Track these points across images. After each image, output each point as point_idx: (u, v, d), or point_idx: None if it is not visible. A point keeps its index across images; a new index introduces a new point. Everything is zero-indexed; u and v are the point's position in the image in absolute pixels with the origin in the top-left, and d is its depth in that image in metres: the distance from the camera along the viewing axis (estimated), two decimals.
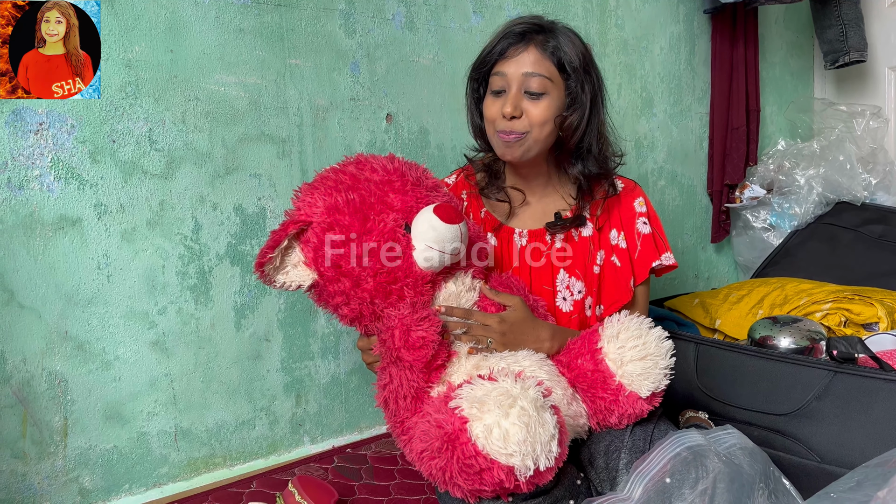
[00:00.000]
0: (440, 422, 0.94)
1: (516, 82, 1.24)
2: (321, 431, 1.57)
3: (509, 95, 1.24)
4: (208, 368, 1.42)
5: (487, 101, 1.28)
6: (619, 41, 2.05)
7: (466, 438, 0.92)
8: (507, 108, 1.23)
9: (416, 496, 1.26)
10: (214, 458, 1.44)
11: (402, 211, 1.11)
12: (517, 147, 1.25)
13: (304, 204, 1.12)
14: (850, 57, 2.25)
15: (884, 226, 2.04)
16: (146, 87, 1.31)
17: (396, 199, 1.11)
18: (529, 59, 1.24)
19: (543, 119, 1.24)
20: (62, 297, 1.26)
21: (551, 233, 1.34)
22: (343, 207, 1.09)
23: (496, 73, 1.25)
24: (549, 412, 0.94)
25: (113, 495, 1.33)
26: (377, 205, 1.10)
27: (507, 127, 1.24)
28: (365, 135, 1.58)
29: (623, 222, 1.37)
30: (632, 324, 1.15)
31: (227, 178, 1.41)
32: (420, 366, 1.05)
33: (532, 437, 0.90)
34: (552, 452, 0.93)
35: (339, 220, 1.09)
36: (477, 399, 0.93)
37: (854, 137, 2.24)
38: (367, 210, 1.09)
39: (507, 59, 1.25)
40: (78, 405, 1.28)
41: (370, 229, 1.08)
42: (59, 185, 1.25)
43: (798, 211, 2.16)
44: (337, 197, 1.09)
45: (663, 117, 2.20)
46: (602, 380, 1.13)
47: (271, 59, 1.45)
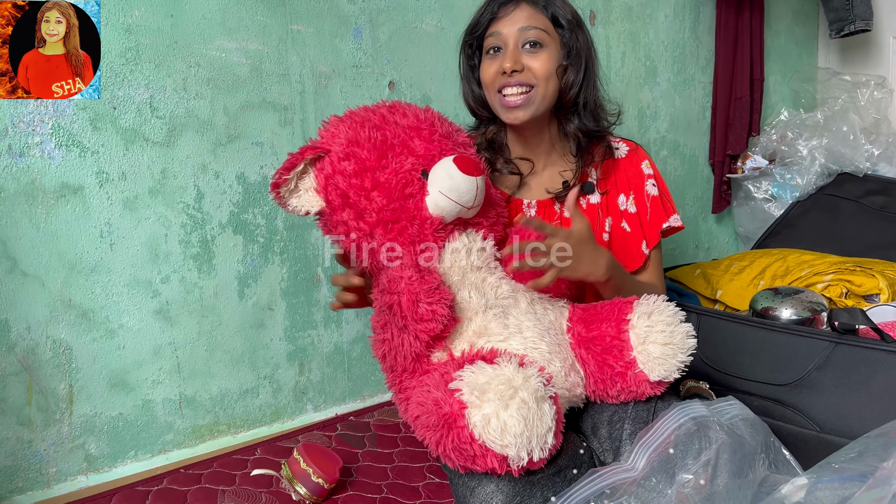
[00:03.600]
0: (438, 401, 0.94)
1: (513, 38, 1.23)
2: (324, 399, 1.58)
3: (507, 52, 1.23)
4: (212, 337, 1.42)
5: (484, 65, 1.26)
6: (623, 8, 2.03)
7: (463, 424, 0.91)
8: (506, 63, 1.22)
9: (419, 463, 1.28)
10: (219, 426, 1.45)
11: (423, 157, 1.10)
12: (522, 109, 1.24)
13: (327, 133, 1.13)
14: (856, 26, 2.23)
15: (885, 197, 2.04)
16: (146, 52, 1.30)
17: (420, 146, 1.11)
18: (523, 14, 1.24)
19: (546, 71, 1.24)
20: (65, 265, 1.26)
21: (560, 202, 1.34)
22: (364, 142, 1.09)
23: (490, 33, 1.24)
24: (549, 403, 0.94)
25: (119, 462, 1.34)
26: (399, 146, 1.10)
27: (508, 82, 1.23)
28: (368, 102, 1.53)
29: (632, 185, 1.37)
30: (667, 310, 1.13)
31: (229, 146, 1.40)
32: (426, 338, 1.05)
33: (529, 430, 0.90)
34: (547, 444, 0.93)
35: (356, 153, 1.09)
36: (478, 386, 0.92)
37: (857, 108, 2.22)
38: (387, 149, 1.09)
39: (500, 18, 1.24)
40: (83, 373, 1.29)
41: (385, 166, 1.08)
42: (59, 153, 1.23)
43: (800, 182, 2.15)
44: (360, 132, 1.10)
45: (667, 86, 2.18)
46: (619, 348, 1.12)
47: (273, 24, 1.43)
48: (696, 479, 0.99)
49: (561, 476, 1.07)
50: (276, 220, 1.48)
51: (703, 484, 0.98)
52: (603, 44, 1.98)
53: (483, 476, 1.04)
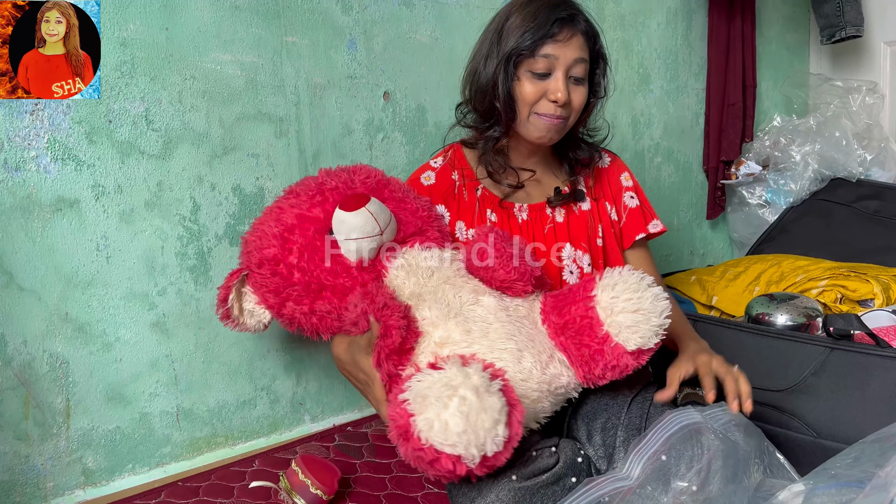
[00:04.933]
0: (393, 416, 0.95)
1: (564, 67, 1.23)
2: (322, 410, 1.58)
3: (558, 80, 1.23)
4: (209, 349, 1.42)
5: (525, 83, 1.24)
6: (616, 16, 2.04)
7: (411, 433, 0.92)
8: (560, 94, 1.22)
9: (417, 473, 1.28)
10: (216, 438, 1.44)
11: (324, 220, 1.19)
12: (556, 132, 1.28)
13: (243, 252, 1.26)
14: (847, 32, 2.24)
15: (878, 201, 2.05)
16: (142, 65, 1.30)
17: (319, 212, 1.20)
18: (578, 44, 1.24)
19: (580, 105, 1.28)
20: (61, 278, 1.26)
21: (552, 207, 1.36)
22: (269, 239, 1.19)
23: (544, 54, 1.22)
24: (496, 395, 0.93)
25: (116, 475, 1.34)
26: (298, 226, 1.19)
27: (555, 112, 1.24)
28: (363, 113, 1.57)
29: (614, 196, 1.42)
30: (631, 277, 1.12)
31: (225, 158, 1.41)
32: (386, 354, 1.05)
33: (473, 425, 0.90)
34: (499, 436, 0.92)
35: (264, 254, 1.19)
36: (420, 393, 0.93)
37: (850, 113, 2.24)
38: (288, 234, 1.19)
39: (558, 41, 1.22)
40: (80, 387, 1.29)
41: (291, 246, 1.18)
42: (55, 167, 1.24)
43: (793, 187, 2.16)
44: (263, 233, 1.21)
45: (660, 93, 2.19)
46: (589, 326, 1.11)
47: (268, 36, 1.43)
48: (690, 486, 0.99)
49: (560, 484, 1.07)
50: None
51: (696, 490, 0.98)
52: None
53: (483, 486, 1.04)
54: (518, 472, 1.03)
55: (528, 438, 1.10)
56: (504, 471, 1.03)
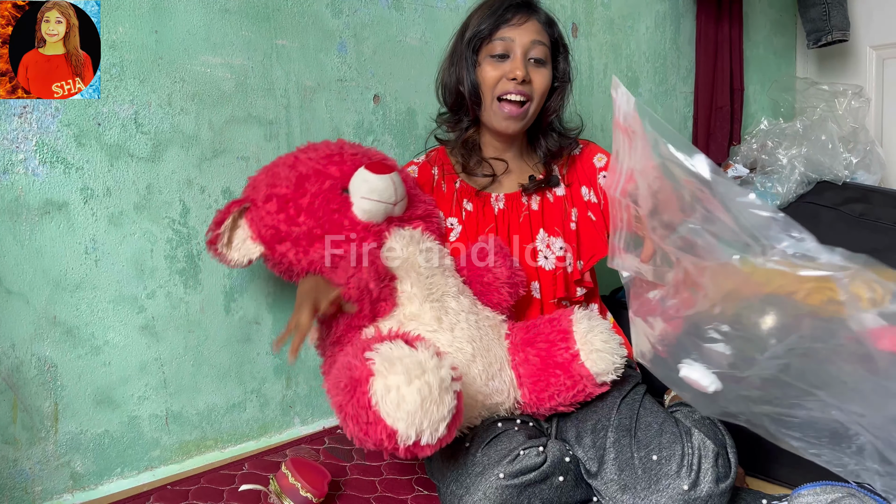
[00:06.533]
0: (350, 364, 0.98)
1: (522, 49, 1.27)
2: (311, 413, 1.58)
3: (516, 60, 1.27)
4: (198, 352, 1.42)
5: (486, 67, 1.29)
6: (605, 20, 2.05)
7: (365, 389, 0.94)
8: (518, 71, 1.26)
9: (407, 476, 1.28)
10: (206, 441, 1.44)
11: (340, 178, 1.22)
12: (518, 121, 1.32)
13: (248, 187, 1.27)
14: (833, 36, 2.27)
15: (864, 204, 2.07)
16: (131, 68, 1.30)
17: (335, 170, 1.22)
18: (534, 28, 1.29)
19: (543, 88, 1.31)
20: (50, 282, 1.25)
21: (527, 194, 1.39)
22: (281, 181, 1.21)
23: (500, 38, 1.27)
24: (451, 396, 0.96)
25: (105, 479, 1.33)
26: (314, 176, 1.21)
27: (515, 89, 1.26)
28: (352, 116, 1.57)
29: (588, 178, 1.45)
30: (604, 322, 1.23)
31: (215, 161, 1.40)
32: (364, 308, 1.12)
33: (424, 411, 0.92)
34: (437, 433, 0.95)
35: (275, 192, 1.21)
36: (389, 358, 0.95)
37: (836, 117, 2.25)
38: (303, 181, 1.21)
39: (512, 25, 1.27)
40: (68, 390, 1.28)
41: (304, 192, 1.20)
42: (44, 169, 1.23)
43: (780, 190, 2.18)
44: (276, 174, 1.23)
45: (648, 97, 2.21)
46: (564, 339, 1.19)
47: (257, 39, 1.43)
48: None
49: (547, 483, 1.08)
50: None
51: None
52: (585, 55, 2.00)
53: (470, 484, 1.05)
54: (505, 470, 1.05)
55: (514, 437, 1.13)
56: (491, 468, 1.05)
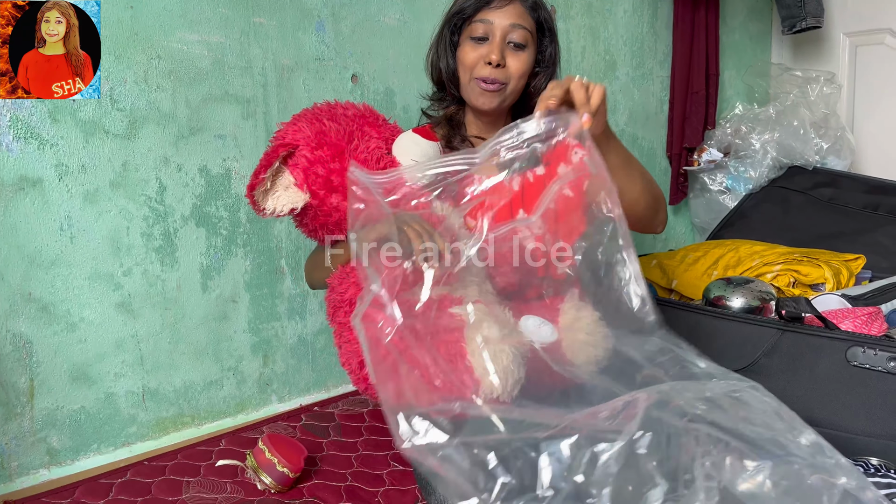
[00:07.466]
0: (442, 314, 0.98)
1: (501, 31, 1.27)
2: (289, 390, 1.59)
3: (494, 44, 1.27)
4: (175, 329, 1.42)
5: (466, 49, 1.29)
6: (583, 3, 2.06)
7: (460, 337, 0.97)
8: (493, 55, 1.26)
9: (383, 451, 1.30)
10: (183, 418, 1.45)
11: (379, 140, 1.18)
12: (496, 96, 1.30)
13: (290, 130, 1.16)
14: (807, 23, 2.30)
15: (833, 189, 2.11)
16: (106, 44, 1.28)
17: (373, 131, 1.19)
18: (515, 11, 1.27)
19: (522, 72, 1.30)
20: (24, 258, 1.25)
21: (509, 176, 1.40)
22: (329, 131, 1.15)
23: (480, 19, 1.27)
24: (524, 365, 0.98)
25: (81, 455, 1.34)
26: (357, 132, 1.17)
27: (490, 74, 1.27)
28: (330, 95, 1.57)
29: (566, 157, 1.44)
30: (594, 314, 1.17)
31: (192, 139, 1.40)
32: None
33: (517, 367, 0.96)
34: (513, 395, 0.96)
35: (326, 140, 1.14)
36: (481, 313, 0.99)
37: (808, 102, 2.30)
38: (349, 134, 1.16)
39: (493, 8, 1.27)
40: (44, 367, 1.28)
41: (356, 147, 1.15)
42: (18, 145, 1.22)
43: (753, 174, 2.22)
44: (322, 124, 1.16)
45: (626, 80, 2.22)
46: None
47: (235, 16, 1.42)
48: None
49: None
50: (238, 213, 1.48)
51: None
52: (563, 38, 2.01)
53: None
54: None
55: None
56: None
